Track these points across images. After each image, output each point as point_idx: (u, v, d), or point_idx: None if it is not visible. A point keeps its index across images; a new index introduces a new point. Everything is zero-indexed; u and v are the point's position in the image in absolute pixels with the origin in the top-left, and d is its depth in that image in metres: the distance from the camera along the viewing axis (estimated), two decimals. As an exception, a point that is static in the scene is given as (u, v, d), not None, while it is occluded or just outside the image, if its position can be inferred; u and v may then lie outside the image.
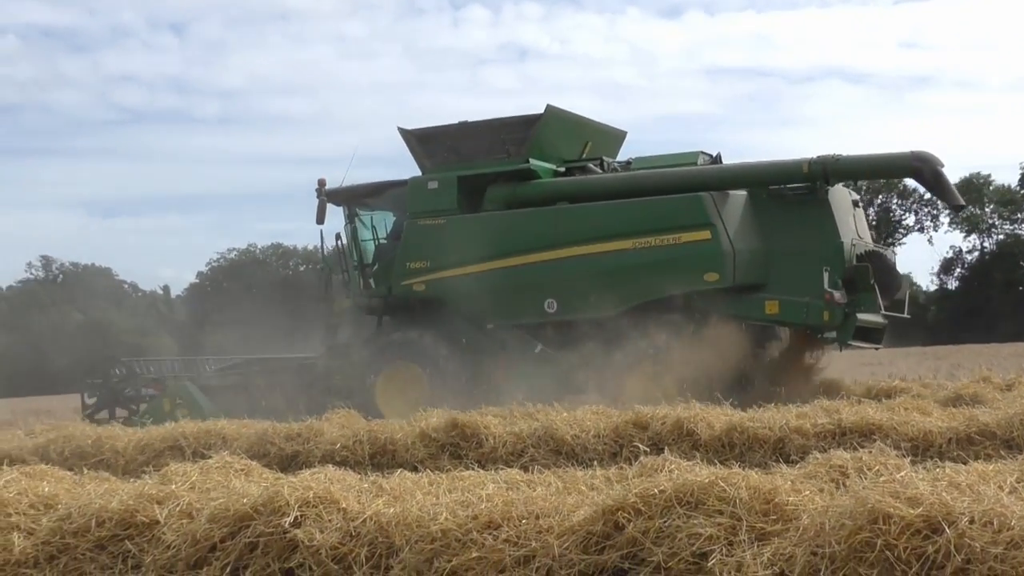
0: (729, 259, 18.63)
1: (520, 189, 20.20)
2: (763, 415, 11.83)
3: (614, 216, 19.32)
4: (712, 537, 5.41)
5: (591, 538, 5.71)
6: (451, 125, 20.74)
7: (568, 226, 19.59)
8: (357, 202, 21.91)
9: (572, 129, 21.13)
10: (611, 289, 19.11)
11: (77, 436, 13.69)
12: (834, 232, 18.58)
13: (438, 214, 20.34)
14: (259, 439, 12.77)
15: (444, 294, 20.25)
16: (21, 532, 7.16)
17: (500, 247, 19.88)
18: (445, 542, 5.97)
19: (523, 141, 20.25)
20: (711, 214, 18.71)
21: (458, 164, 20.45)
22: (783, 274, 18.65)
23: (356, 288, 21.50)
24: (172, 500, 7.00)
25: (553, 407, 14.09)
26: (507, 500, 6.20)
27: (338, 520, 6.35)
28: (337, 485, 6.77)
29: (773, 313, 18.71)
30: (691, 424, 11.50)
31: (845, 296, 18.35)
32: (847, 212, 19.24)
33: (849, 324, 18.45)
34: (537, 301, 19.59)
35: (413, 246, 20.53)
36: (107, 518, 6.95)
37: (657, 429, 11.61)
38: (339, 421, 13.73)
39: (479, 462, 11.02)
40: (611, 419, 12.21)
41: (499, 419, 12.81)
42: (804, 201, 18.83)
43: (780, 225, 18.88)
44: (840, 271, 18.38)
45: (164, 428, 13.70)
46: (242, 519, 6.53)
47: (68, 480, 8.24)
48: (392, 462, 11.64)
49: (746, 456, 10.86)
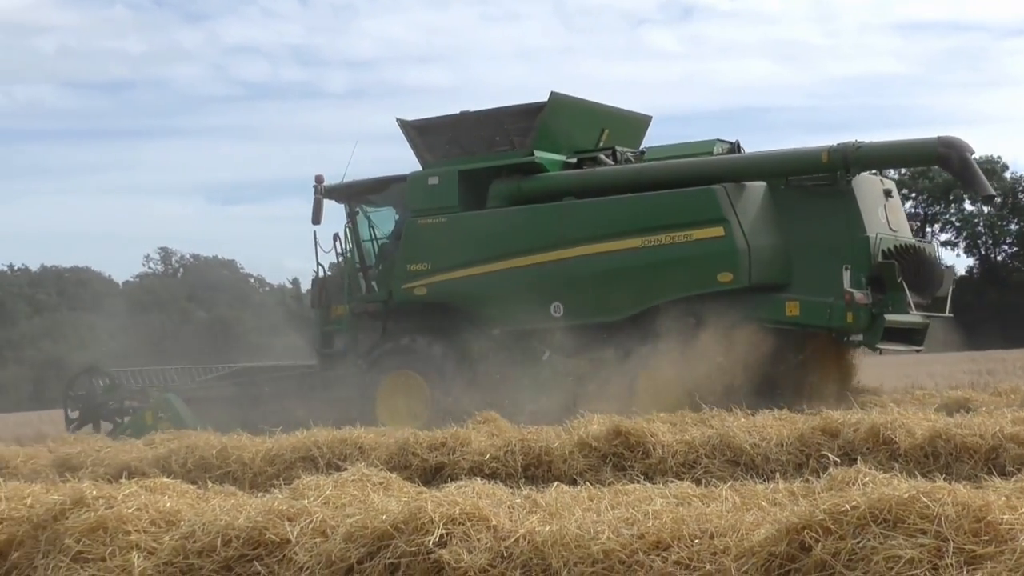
0: (744, 258, 18.88)
1: (525, 184, 20.65)
2: (972, 421, 11.59)
3: (622, 212, 19.70)
4: (914, 560, 5.32)
5: (773, 560, 5.66)
6: (452, 116, 21.31)
7: (574, 223, 20.01)
8: (359, 199, 22.50)
9: (583, 116, 21.46)
10: (620, 291, 19.56)
11: (201, 446, 14.00)
12: (859, 226, 18.81)
13: (439, 212, 20.89)
14: (399, 449, 12.90)
15: (447, 298, 20.83)
16: (141, 551, 7.34)
17: (503, 247, 20.39)
18: (608, 564, 5.97)
19: (527, 132, 20.65)
20: (724, 209, 18.97)
21: (460, 158, 20.97)
22: (805, 273, 18.93)
23: (357, 292, 22.11)
24: (304, 517, 7.11)
25: (731, 412, 14.01)
26: (677, 517, 6.18)
27: (488, 539, 6.38)
28: (486, 500, 6.80)
29: (794, 315, 18.90)
30: (888, 431, 11.33)
31: (870, 296, 18.50)
32: (876, 203, 19.41)
33: (877, 326, 18.63)
34: (543, 305, 19.99)
35: (413, 247, 21.15)
36: (234, 536, 7.08)
37: (849, 437, 11.47)
38: (487, 429, 13.80)
39: (645, 474, 11.01)
40: (796, 426, 12.10)
41: (668, 426, 12.77)
42: (826, 192, 19.10)
43: (801, 219, 19.15)
44: (865, 268, 18.59)
45: (295, 437, 13.90)
46: (381, 538, 6.60)
47: (191, 494, 8.41)
48: (548, 474, 11.67)
49: (952, 468, 10.65)
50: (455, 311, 20.70)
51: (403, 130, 21.42)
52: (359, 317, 22.17)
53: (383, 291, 21.64)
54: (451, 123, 21.23)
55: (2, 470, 14.67)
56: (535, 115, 20.63)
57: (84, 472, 13.62)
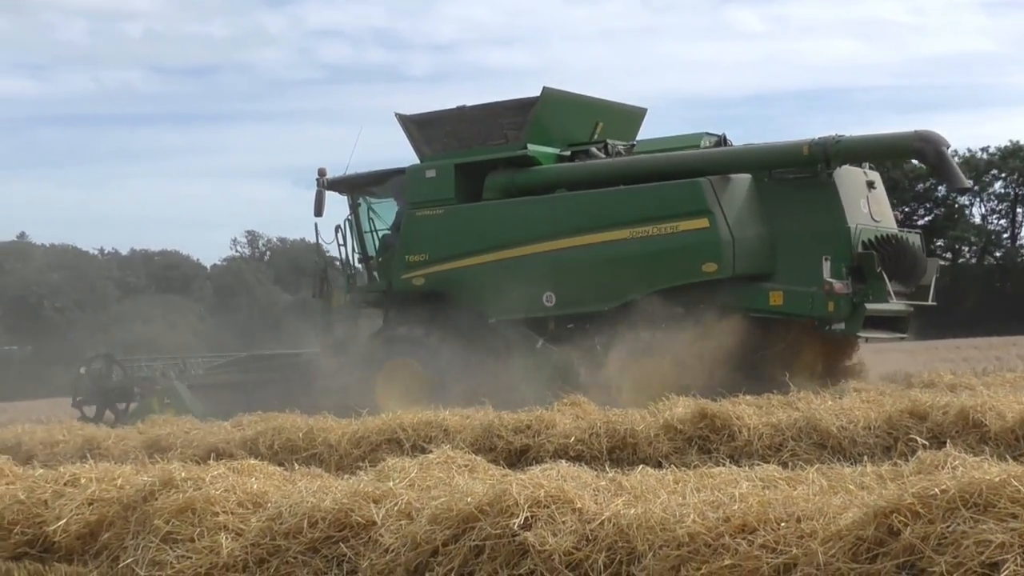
0: (728, 248, 19.39)
1: (519, 176, 21.22)
2: (1065, 403, 11.44)
3: (611, 204, 20.23)
4: (1004, 545, 5.26)
5: (861, 544, 5.62)
6: (449, 110, 21.82)
7: (564, 215, 20.60)
8: (361, 191, 23.07)
9: (577, 110, 21.97)
10: (609, 281, 20.07)
11: (287, 428, 14.12)
12: (840, 217, 19.25)
13: (436, 204, 21.49)
14: (484, 432, 12.94)
15: (444, 288, 21.44)
16: (229, 533, 7.43)
17: (497, 238, 20.98)
18: (693, 547, 5.95)
19: (521, 125, 21.22)
20: (709, 201, 19.50)
21: (456, 151, 21.55)
22: (789, 263, 19.43)
23: (360, 281, 22.83)
24: (390, 499, 7.15)
25: (817, 394, 13.93)
26: (764, 500, 6.15)
27: (573, 522, 6.39)
28: (571, 483, 6.81)
29: (777, 304, 19.43)
30: (978, 414, 11.21)
31: (850, 286, 18.95)
32: (858, 194, 19.87)
33: (858, 315, 19.10)
34: (535, 294, 20.56)
35: (412, 238, 21.76)
36: (320, 518, 7.15)
37: (938, 420, 11.37)
38: (573, 412, 13.81)
39: (731, 457, 10.97)
40: (883, 409, 12.01)
41: (754, 409, 12.72)
42: (809, 185, 19.60)
43: (785, 210, 19.64)
44: (846, 259, 19.04)
45: (381, 419, 13.98)
46: (466, 520, 6.63)
47: (278, 476, 8.50)
48: (633, 457, 11.67)
49: (1045, 451, 10.53)
50: (452, 301, 21.31)
51: (402, 124, 22.04)
52: (361, 306, 23.18)
53: (383, 281, 22.30)
54: (448, 117, 21.83)
55: (93, 451, 14.85)
56: (528, 109, 21.21)
57: (173, 453, 13.77)
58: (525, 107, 21.24)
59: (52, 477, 9.01)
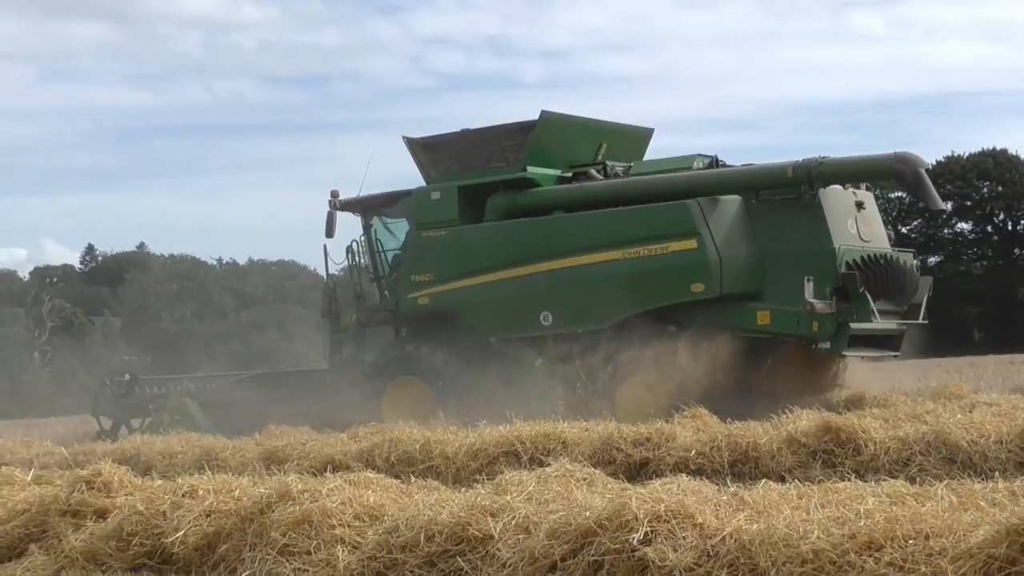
0: (716, 269, 19.96)
1: (519, 199, 22.02)
2: None
3: (603, 226, 20.98)
4: None
5: (993, 563, 5.53)
6: (453, 133, 22.79)
7: (560, 236, 21.32)
8: (374, 212, 23.99)
9: (577, 132, 22.70)
10: (602, 301, 20.73)
11: (404, 440, 14.20)
12: (825, 238, 19.65)
13: (441, 225, 22.33)
14: (603, 444, 12.93)
15: (448, 308, 22.19)
16: (346, 546, 7.49)
17: (498, 259, 21.75)
18: (818, 564, 5.90)
19: (521, 148, 22.02)
20: (697, 222, 20.06)
21: (460, 174, 22.46)
22: (776, 283, 19.90)
23: (370, 301, 23.69)
24: (507, 513, 7.16)
25: (944, 408, 13.74)
26: (891, 517, 6.08)
27: (693, 537, 6.36)
28: (692, 497, 6.78)
29: (764, 324, 19.93)
30: (1116, 428, 11.00)
31: (833, 305, 19.33)
32: (845, 215, 20.27)
33: (842, 334, 19.47)
34: (533, 314, 21.36)
35: (418, 259, 22.66)
36: (437, 532, 7.18)
37: (1073, 434, 11.16)
38: (693, 424, 13.76)
39: (857, 472, 10.86)
40: (1016, 422, 11.82)
41: (880, 422, 12.58)
42: (795, 206, 20.01)
43: (772, 231, 20.15)
44: (830, 279, 19.43)
45: (498, 431, 14.02)
46: (585, 535, 6.62)
47: (395, 489, 8.55)
48: (755, 471, 11.61)
49: None
50: (455, 320, 22.08)
51: (408, 147, 22.86)
52: (368, 326, 23.84)
53: (392, 300, 23.17)
54: (452, 140, 22.72)
55: (210, 462, 15.05)
56: (528, 132, 21.96)
57: (290, 465, 13.93)
58: (524, 130, 22.03)
59: (170, 488, 9.11)
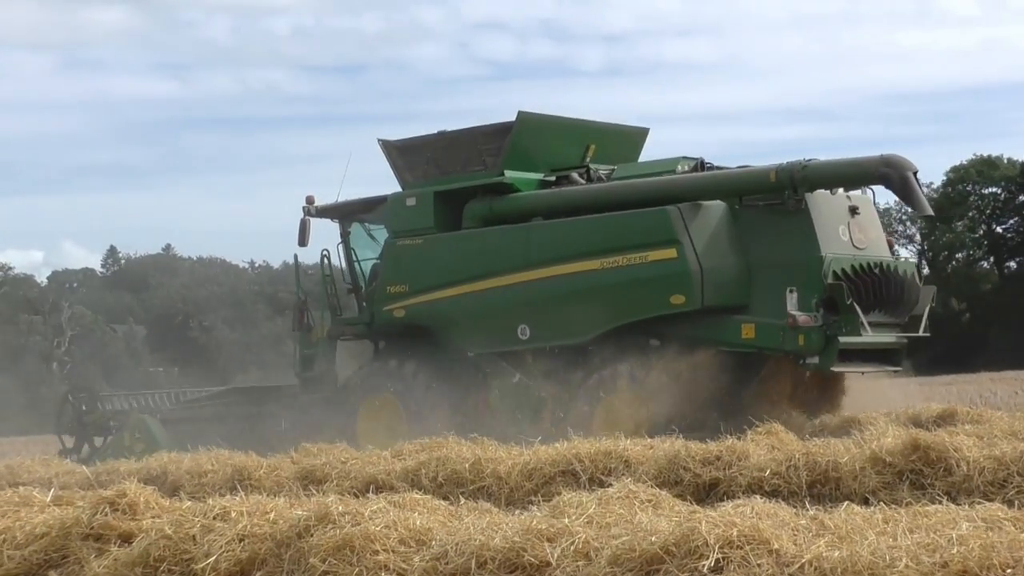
0: (696, 279, 20.03)
1: (496, 205, 22.27)
2: None
3: (581, 233, 21.12)
4: None
5: (1099, 594, 5.50)
6: (430, 136, 23.09)
7: (537, 245, 21.59)
8: (352, 219, 24.18)
9: (560, 133, 22.91)
10: (580, 314, 20.93)
11: (452, 459, 14.19)
12: (812, 246, 19.68)
13: (416, 233, 22.65)
14: (669, 463, 12.88)
15: (423, 320, 22.58)
16: (390, 573, 7.50)
17: (475, 268, 22.04)
18: (906, 595, 5.87)
19: (499, 151, 22.29)
20: (677, 230, 20.16)
21: (436, 178, 22.78)
22: (762, 294, 19.97)
23: (348, 312, 24.17)
24: (565, 537, 7.17)
25: None
26: (986, 544, 6.06)
27: (769, 565, 6.35)
28: (767, 521, 6.77)
29: (749, 338, 20.02)
30: None
31: (819, 318, 19.34)
32: (837, 221, 20.30)
33: (831, 348, 19.50)
34: (510, 327, 21.59)
35: (393, 268, 23.01)
36: (489, 558, 7.18)
37: None
38: (768, 442, 13.70)
39: (948, 494, 10.79)
40: (1124, 440, 11.72)
41: (974, 440, 12.49)
42: (781, 212, 20.12)
43: (758, 239, 20.28)
44: (817, 289, 19.45)
45: (555, 450, 14.01)
46: (650, 561, 6.62)
47: (443, 511, 8.56)
48: (836, 493, 11.55)
49: None
50: (431, 333, 22.44)
51: (384, 150, 23.20)
52: (341, 339, 24.12)
53: (367, 313, 23.45)
54: (429, 143, 23.02)
55: (243, 481, 15.10)
56: (505, 135, 22.19)
57: (329, 485, 13.96)
58: (502, 132, 22.25)
59: (200, 510, 9.12)
